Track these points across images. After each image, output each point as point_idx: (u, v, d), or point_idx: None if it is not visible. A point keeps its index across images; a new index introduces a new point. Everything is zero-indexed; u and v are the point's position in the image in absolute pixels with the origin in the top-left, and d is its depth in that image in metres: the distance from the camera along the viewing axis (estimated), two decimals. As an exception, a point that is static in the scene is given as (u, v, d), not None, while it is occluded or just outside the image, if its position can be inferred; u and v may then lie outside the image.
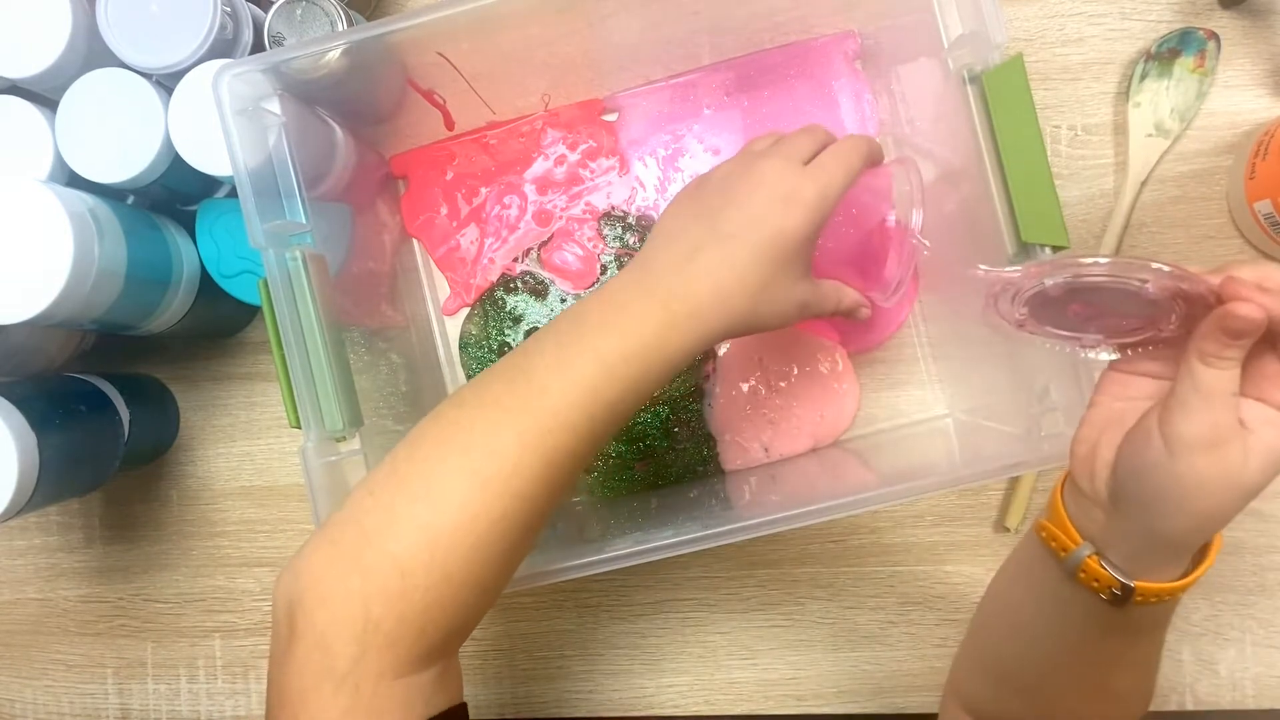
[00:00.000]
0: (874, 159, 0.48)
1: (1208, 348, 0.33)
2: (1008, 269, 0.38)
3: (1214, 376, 0.33)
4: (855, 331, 0.63)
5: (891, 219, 0.52)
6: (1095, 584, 0.38)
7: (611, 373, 0.41)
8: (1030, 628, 0.43)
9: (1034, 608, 0.43)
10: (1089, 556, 0.38)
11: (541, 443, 0.39)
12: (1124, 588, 0.37)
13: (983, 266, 0.45)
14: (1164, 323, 0.36)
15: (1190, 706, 0.62)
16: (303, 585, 0.37)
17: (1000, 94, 0.46)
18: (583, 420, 0.40)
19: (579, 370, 0.40)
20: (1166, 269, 0.33)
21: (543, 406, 0.40)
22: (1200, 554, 0.38)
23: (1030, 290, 0.38)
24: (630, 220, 0.64)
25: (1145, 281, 0.34)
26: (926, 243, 0.51)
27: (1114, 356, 0.39)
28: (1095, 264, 0.35)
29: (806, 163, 0.45)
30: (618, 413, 0.41)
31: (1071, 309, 0.38)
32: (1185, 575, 0.37)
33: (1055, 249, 0.46)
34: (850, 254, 0.55)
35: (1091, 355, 0.39)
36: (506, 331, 0.65)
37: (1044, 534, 0.40)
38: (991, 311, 0.40)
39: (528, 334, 0.65)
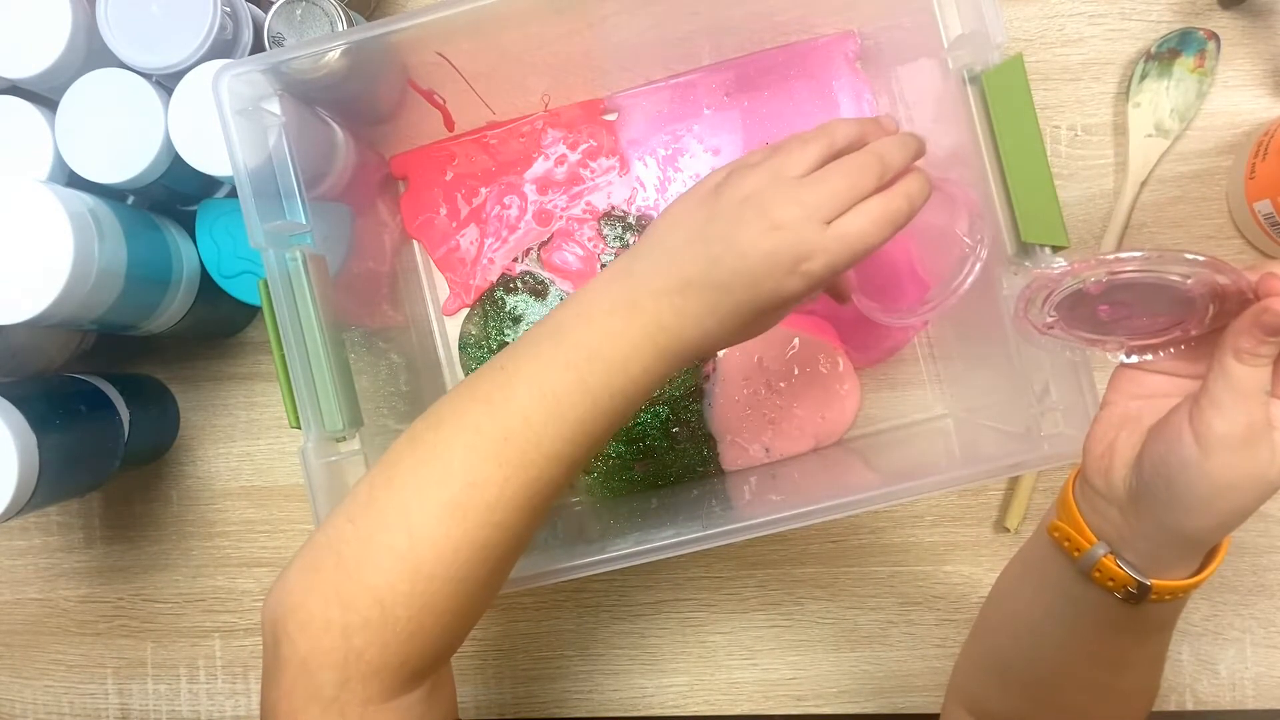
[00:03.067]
0: (914, 213, 0.41)
1: (1244, 344, 0.33)
2: (1051, 267, 0.38)
3: (1248, 374, 0.33)
4: (862, 346, 0.63)
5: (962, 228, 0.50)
6: (1110, 583, 0.38)
7: (597, 404, 0.40)
8: (1038, 626, 0.43)
9: (1042, 606, 0.43)
10: (1104, 556, 0.38)
11: (524, 473, 0.38)
12: (1140, 586, 0.37)
13: (1026, 263, 0.44)
14: (1192, 322, 0.36)
15: (1190, 706, 0.62)
16: (285, 609, 0.37)
17: (1000, 94, 0.46)
18: (566, 450, 0.39)
19: (565, 402, 0.39)
20: (1202, 258, 0.33)
21: (526, 438, 0.38)
22: (1210, 551, 0.38)
23: (1068, 290, 0.37)
24: (630, 220, 0.64)
25: (1186, 277, 0.34)
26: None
27: (1135, 359, 0.38)
28: (1133, 257, 0.35)
29: (833, 218, 0.39)
30: (600, 440, 0.41)
31: (1101, 309, 0.38)
32: (1197, 573, 0.37)
33: (1055, 249, 0.46)
34: (907, 263, 0.56)
35: (1112, 358, 0.39)
36: (506, 332, 0.65)
37: (1057, 534, 0.40)
38: (1022, 318, 0.40)
39: (528, 334, 0.65)
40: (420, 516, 0.37)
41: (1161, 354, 0.38)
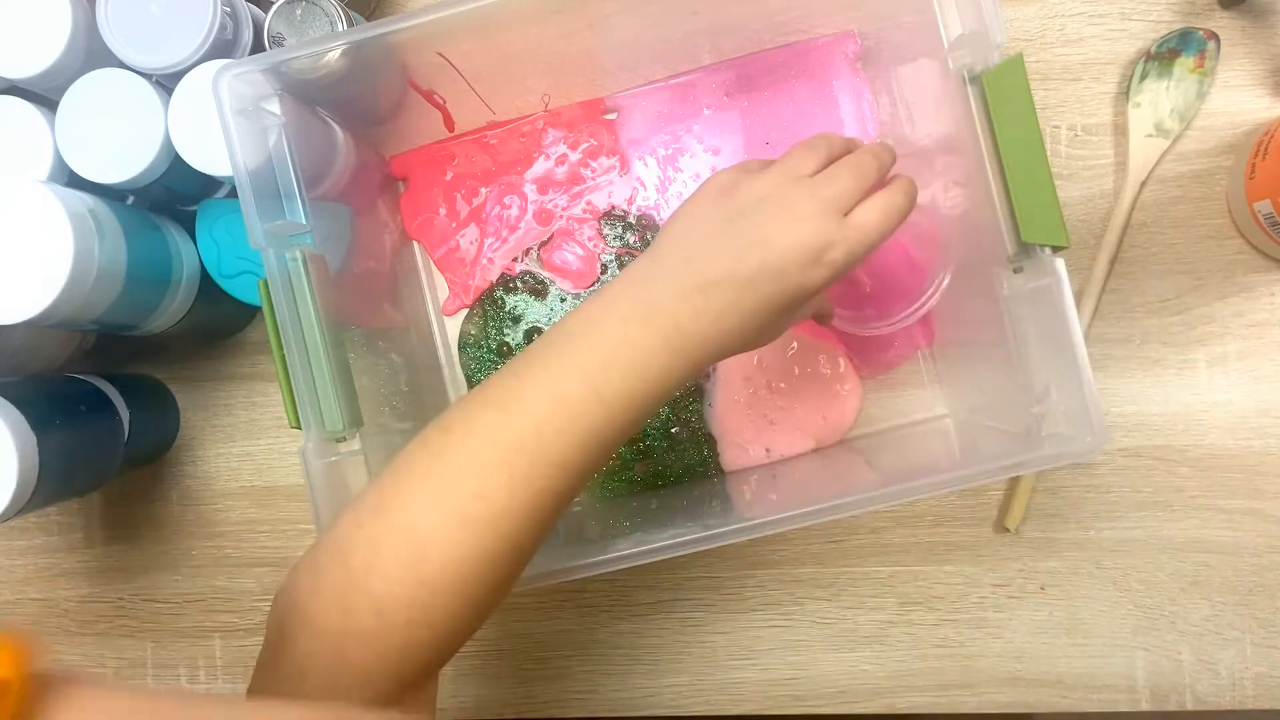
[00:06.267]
0: (911, 207, 0.44)
1: None
2: None
3: None
4: (868, 355, 0.63)
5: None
6: None
7: (610, 412, 0.39)
8: None
9: None
10: None
11: (534, 483, 0.38)
12: None
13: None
14: None
15: (1190, 706, 0.62)
16: (285, 605, 0.37)
17: (1000, 94, 0.46)
18: (578, 458, 0.39)
19: (578, 410, 0.38)
20: None
21: (537, 447, 0.38)
22: None
23: None
24: (631, 220, 0.64)
25: None
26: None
27: None
28: None
29: (847, 211, 0.42)
30: (612, 447, 0.40)
31: None
32: None
33: (1055, 249, 0.46)
34: (898, 272, 0.59)
35: None
36: (506, 332, 0.65)
37: None
38: None
39: (527, 334, 0.65)
40: (427, 526, 0.37)
41: None
